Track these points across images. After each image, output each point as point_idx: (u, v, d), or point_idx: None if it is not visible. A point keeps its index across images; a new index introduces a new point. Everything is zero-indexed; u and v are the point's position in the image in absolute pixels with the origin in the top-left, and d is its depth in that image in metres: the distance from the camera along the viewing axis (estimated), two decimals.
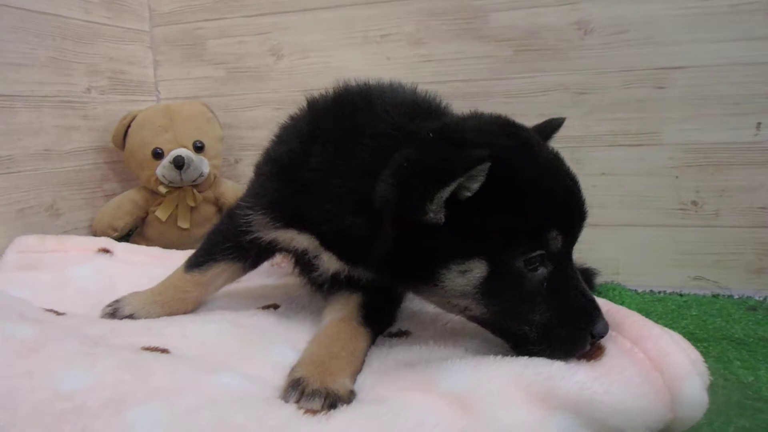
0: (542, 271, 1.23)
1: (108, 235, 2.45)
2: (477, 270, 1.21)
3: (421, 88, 1.58)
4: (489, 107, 1.91)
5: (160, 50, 3.02)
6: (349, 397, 1.18)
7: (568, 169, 1.33)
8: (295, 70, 2.80)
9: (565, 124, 2.35)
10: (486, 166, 1.14)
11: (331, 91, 1.55)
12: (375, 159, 1.29)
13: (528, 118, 2.40)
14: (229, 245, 1.65)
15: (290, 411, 1.06)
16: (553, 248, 1.24)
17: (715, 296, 2.25)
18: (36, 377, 1.12)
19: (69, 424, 1.00)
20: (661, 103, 2.32)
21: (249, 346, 1.41)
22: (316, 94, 1.58)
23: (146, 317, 1.59)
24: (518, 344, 1.25)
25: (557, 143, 2.39)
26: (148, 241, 2.59)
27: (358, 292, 1.52)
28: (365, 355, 1.38)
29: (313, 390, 1.16)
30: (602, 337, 1.22)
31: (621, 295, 2.18)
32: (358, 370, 1.32)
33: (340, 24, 2.71)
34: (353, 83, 1.53)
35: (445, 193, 1.15)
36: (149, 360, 1.23)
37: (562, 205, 1.27)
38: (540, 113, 2.42)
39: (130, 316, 1.59)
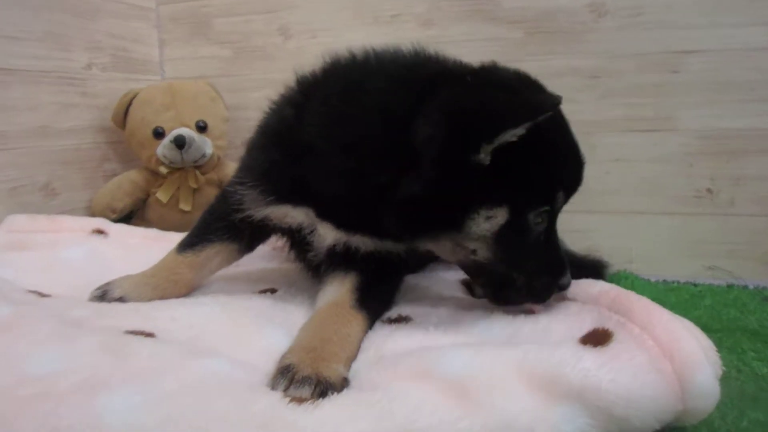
0: (542, 225, 1.32)
1: (107, 217, 2.39)
2: (500, 217, 1.26)
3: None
4: None
5: (166, 28, 2.96)
6: (342, 385, 1.12)
7: (573, 133, 1.40)
8: (304, 50, 2.73)
9: (578, 108, 2.31)
10: (547, 115, 1.18)
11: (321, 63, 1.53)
12: (395, 101, 1.30)
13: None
14: (223, 225, 1.61)
15: (276, 398, 1.00)
16: (556, 207, 1.34)
17: (730, 286, 2.18)
18: (5, 358, 1.06)
19: (30, 410, 0.93)
20: (676, 88, 2.25)
21: (241, 331, 1.34)
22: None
23: (137, 300, 1.53)
24: (501, 289, 1.35)
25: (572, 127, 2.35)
26: (149, 224, 2.54)
27: (353, 273, 1.46)
28: (360, 340, 1.32)
29: (303, 377, 1.10)
30: (565, 288, 1.35)
31: (633, 284, 2.11)
32: (353, 356, 1.27)
33: (350, 4, 2.65)
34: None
35: (509, 136, 1.18)
36: (132, 343, 1.17)
37: (573, 168, 1.37)
38: None
39: (121, 299, 1.53)
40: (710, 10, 2.20)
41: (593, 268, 2.08)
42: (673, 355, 1.07)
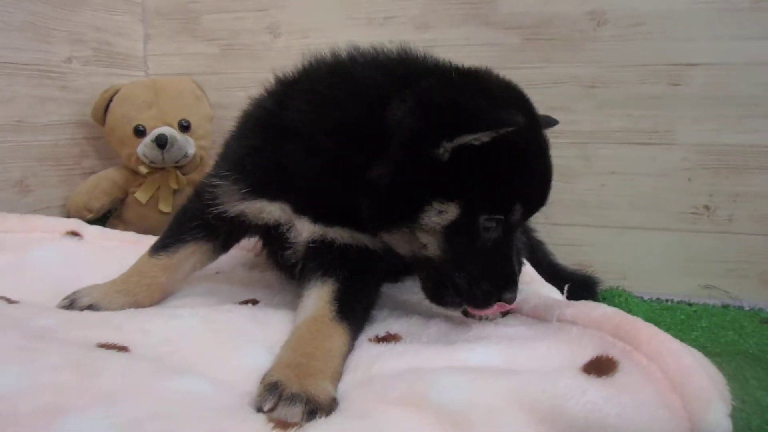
0: (494, 232, 1.32)
1: (82, 217, 2.30)
2: (451, 213, 1.27)
3: None
4: None
5: (152, 23, 2.87)
6: (331, 405, 1.07)
7: (550, 157, 1.39)
8: (294, 49, 2.64)
9: (576, 118, 2.25)
10: (512, 130, 1.19)
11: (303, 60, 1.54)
12: (378, 87, 1.34)
13: (538, 109, 2.31)
14: (197, 224, 1.55)
15: (258, 424, 0.93)
16: (511, 218, 1.33)
17: (726, 307, 2.13)
18: None
19: None
20: (677, 101, 2.20)
21: (219, 346, 1.27)
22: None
23: (108, 308, 1.45)
24: (439, 287, 1.35)
25: (566, 138, 2.29)
26: (126, 225, 2.45)
27: (330, 281, 1.41)
28: (344, 354, 1.27)
29: (292, 393, 1.05)
30: (508, 302, 1.32)
31: (627, 302, 2.06)
32: (339, 372, 1.21)
33: (343, 4, 2.58)
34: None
35: (467, 139, 1.20)
36: (100, 359, 1.09)
37: (536, 187, 1.36)
38: (550, 105, 2.30)
39: (90, 307, 1.45)
40: (713, 22, 2.16)
41: (585, 284, 2.04)
42: (683, 390, 1.00)
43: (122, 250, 1.89)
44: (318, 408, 1.03)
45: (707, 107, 2.17)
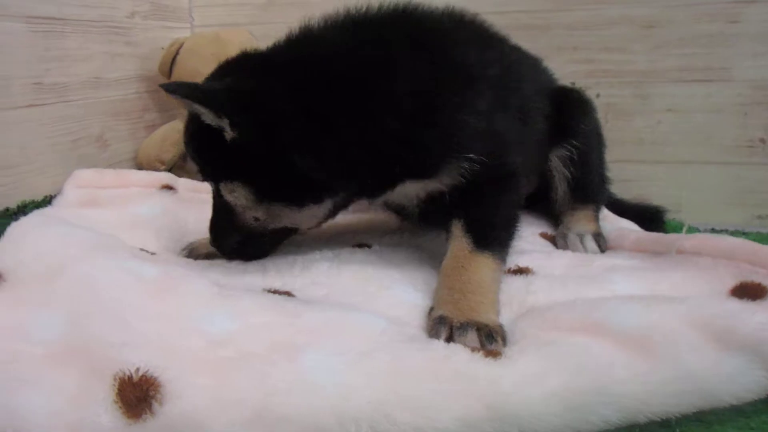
0: None
1: (155, 169, 2.34)
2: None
3: (478, 17, 1.59)
4: (549, 40, 1.86)
5: None
6: (502, 331, 1.12)
7: None
8: None
9: (631, 58, 2.29)
10: None
11: None
12: None
13: (591, 51, 2.38)
14: None
15: (467, 354, 1.00)
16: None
17: None
18: (180, 320, 1.04)
19: (243, 374, 0.93)
20: (733, 39, 2.25)
21: (366, 286, 1.33)
22: None
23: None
24: None
25: (622, 77, 2.36)
26: (189, 174, 2.49)
27: (458, 216, 1.38)
28: (496, 281, 1.28)
29: (461, 323, 1.11)
30: None
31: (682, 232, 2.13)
32: (496, 302, 1.24)
33: None
34: None
35: None
36: (287, 301, 1.17)
37: None
38: (604, 46, 2.37)
39: (206, 257, 1.52)
40: None
41: (652, 215, 2.09)
42: None
43: None
44: (492, 332, 1.09)
45: (764, 44, 2.22)
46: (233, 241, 1.43)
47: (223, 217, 1.41)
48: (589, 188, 1.83)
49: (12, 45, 1.84)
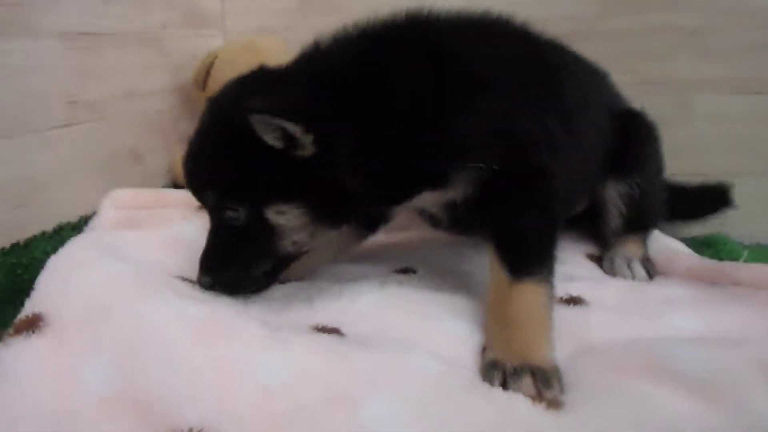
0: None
1: None
2: None
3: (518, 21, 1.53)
4: (592, 47, 1.80)
5: None
6: (558, 374, 1.09)
7: None
8: (382, 1, 2.60)
9: (675, 65, 2.23)
10: None
11: None
12: None
13: (634, 59, 2.31)
14: None
15: (529, 405, 0.98)
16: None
17: None
18: (234, 369, 1.01)
19: (300, 429, 0.91)
20: None
21: (416, 318, 1.28)
22: None
23: None
24: None
25: (666, 86, 2.30)
26: None
27: (489, 236, 1.31)
28: (545, 307, 1.21)
29: (514, 368, 1.08)
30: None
31: (727, 247, 2.08)
32: (551, 335, 1.18)
33: None
34: None
35: None
36: (335, 344, 1.13)
37: None
38: (648, 52, 2.30)
39: None
40: None
41: (716, 192, 2.06)
42: None
43: None
44: (549, 377, 1.06)
45: None
46: (258, 272, 1.34)
47: (246, 245, 1.31)
48: (644, 221, 1.76)
49: (47, 64, 1.81)
